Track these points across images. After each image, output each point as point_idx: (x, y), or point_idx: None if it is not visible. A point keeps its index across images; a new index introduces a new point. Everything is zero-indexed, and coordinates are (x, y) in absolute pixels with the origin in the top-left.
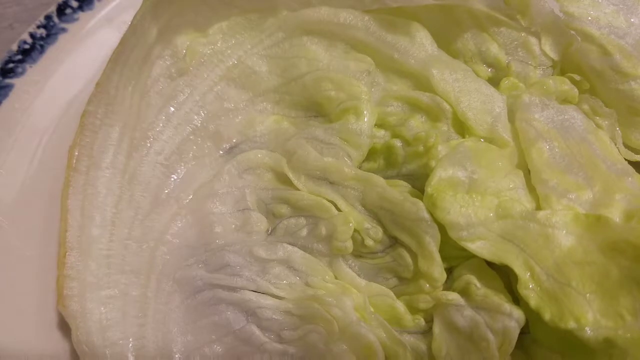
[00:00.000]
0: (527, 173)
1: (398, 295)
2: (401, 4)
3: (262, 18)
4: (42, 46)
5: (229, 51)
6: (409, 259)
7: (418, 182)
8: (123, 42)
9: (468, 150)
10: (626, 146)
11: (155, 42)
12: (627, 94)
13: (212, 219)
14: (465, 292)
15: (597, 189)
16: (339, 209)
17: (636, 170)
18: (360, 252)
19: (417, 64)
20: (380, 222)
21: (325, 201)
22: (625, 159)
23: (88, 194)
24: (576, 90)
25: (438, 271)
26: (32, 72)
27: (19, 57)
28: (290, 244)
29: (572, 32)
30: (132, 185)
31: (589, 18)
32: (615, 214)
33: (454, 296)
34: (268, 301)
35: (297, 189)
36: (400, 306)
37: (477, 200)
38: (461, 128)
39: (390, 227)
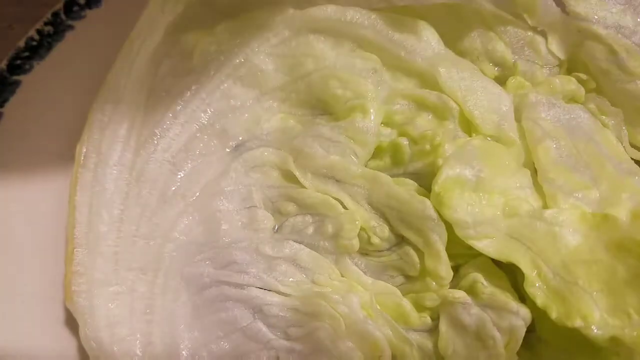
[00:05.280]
0: (534, 172)
1: (404, 293)
2: (408, 2)
3: (268, 17)
4: (49, 43)
5: (235, 49)
6: (415, 257)
7: (424, 181)
8: (131, 40)
9: (475, 149)
10: (633, 145)
11: (163, 40)
12: (633, 93)
13: (219, 217)
14: (471, 291)
15: (604, 188)
16: (345, 207)
17: None
18: (366, 250)
19: (423, 62)
20: (386, 220)
21: (331, 199)
22: (632, 158)
23: (96, 191)
24: (582, 89)
25: (445, 269)
26: (39, 69)
27: (26, 53)
28: (296, 241)
29: (579, 31)
30: (139, 183)
31: (596, 17)
32: (621, 213)
33: (460, 294)
34: (274, 298)
35: (304, 187)
36: (407, 304)
37: (484, 198)
38: (468, 126)
39: (396, 225)
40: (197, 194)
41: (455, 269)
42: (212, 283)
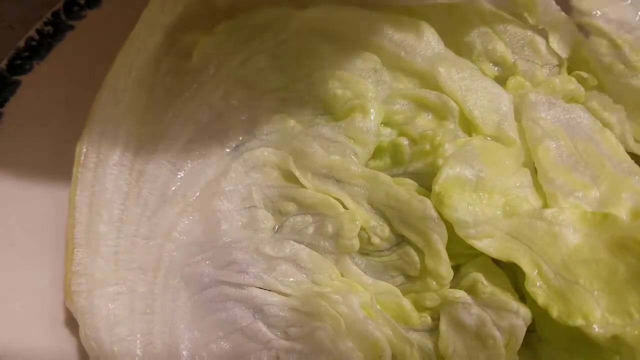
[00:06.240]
0: (534, 171)
1: (405, 293)
2: (408, 2)
3: (268, 17)
4: (49, 43)
5: (235, 49)
6: (415, 257)
7: (424, 181)
8: (131, 40)
9: (475, 149)
10: (637, 141)
11: (163, 40)
12: (637, 88)
13: (219, 216)
14: (472, 290)
15: (604, 187)
16: (345, 207)
17: None
18: (366, 250)
19: (423, 62)
20: (387, 220)
21: (331, 199)
22: (632, 158)
23: (96, 191)
24: (582, 89)
25: (445, 269)
26: (39, 69)
27: (26, 53)
28: (296, 241)
29: (582, 26)
30: (139, 183)
31: (599, 12)
32: (622, 212)
33: (461, 294)
34: (275, 298)
35: (304, 187)
36: (407, 304)
37: (484, 198)
38: (468, 126)
39: (397, 225)
40: (197, 194)
41: (456, 268)
42: (212, 283)
